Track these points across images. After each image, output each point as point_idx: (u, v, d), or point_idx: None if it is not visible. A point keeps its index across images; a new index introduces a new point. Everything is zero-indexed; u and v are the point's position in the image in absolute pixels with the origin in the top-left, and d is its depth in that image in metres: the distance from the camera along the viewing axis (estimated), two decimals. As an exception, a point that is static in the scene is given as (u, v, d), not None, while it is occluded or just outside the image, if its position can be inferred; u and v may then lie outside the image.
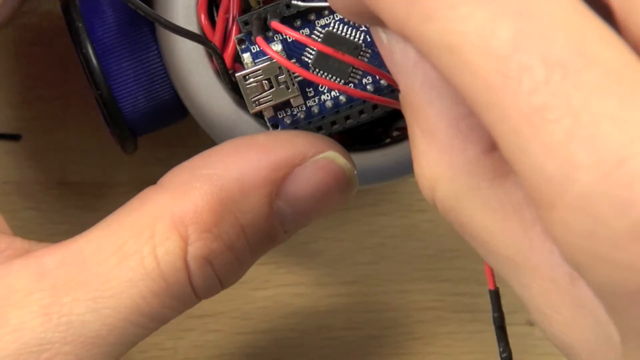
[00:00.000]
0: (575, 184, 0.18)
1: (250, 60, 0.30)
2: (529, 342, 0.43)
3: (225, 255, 0.28)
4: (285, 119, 0.30)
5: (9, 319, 0.26)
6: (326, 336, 0.42)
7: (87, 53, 0.33)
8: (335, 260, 0.43)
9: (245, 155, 0.28)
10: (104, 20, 0.33)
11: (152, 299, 0.27)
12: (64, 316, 0.27)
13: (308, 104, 0.30)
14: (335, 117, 0.30)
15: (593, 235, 0.19)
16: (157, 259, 0.27)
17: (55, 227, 0.42)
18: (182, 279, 0.27)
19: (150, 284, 0.27)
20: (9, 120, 0.42)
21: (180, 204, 0.27)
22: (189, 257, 0.27)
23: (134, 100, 0.34)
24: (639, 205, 0.18)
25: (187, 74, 0.32)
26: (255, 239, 0.28)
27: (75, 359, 0.27)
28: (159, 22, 0.30)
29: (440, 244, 0.43)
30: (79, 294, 0.27)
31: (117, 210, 0.29)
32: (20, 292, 0.27)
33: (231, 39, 0.31)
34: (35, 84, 0.42)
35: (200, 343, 0.42)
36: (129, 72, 0.33)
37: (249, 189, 0.27)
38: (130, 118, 0.34)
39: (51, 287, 0.27)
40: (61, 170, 0.42)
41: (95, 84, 0.33)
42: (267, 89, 0.29)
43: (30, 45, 0.42)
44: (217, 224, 0.27)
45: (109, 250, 0.27)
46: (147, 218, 0.27)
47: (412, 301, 0.43)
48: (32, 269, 0.27)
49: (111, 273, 0.27)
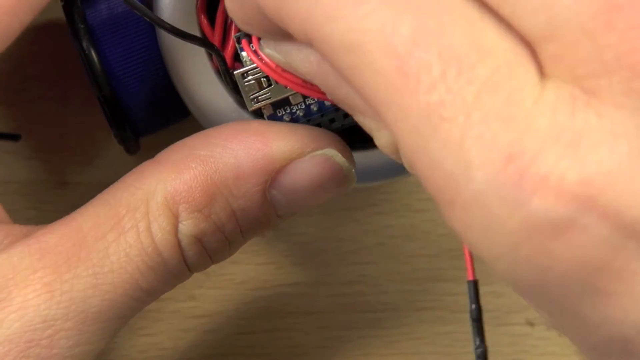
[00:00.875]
0: (470, 183, 0.19)
1: (249, 58, 0.30)
2: (529, 342, 0.43)
3: (214, 235, 0.28)
4: (285, 116, 0.30)
5: (13, 297, 0.27)
6: (326, 336, 0.42)
7: (90, 55, 0.33)
8: (335, 260, 0.43)
9: (244, 142, 0.28)
10: (106, 22, 0.33)
11: (149, 274, 0.28)
12: (66, 293, 0.27)
13: (307, 101, 0.30)
14: (334, 114, 0.30)
15: (489, 234, 0.19)
16: (152, 234, 0.28)
17: (56, 227, 0.42)
18: (176, 254, 0.28)
19: (147, 259, 0.28)
20: (9, 121, 0.42)
21: (174, 182, 0.28)
22: (179, 234, 0.28)
23: (137, 102, 0.34)
24: (528, 204, 0.18)
25: (188, 73, 0.32)
26: (247, 223, 0.29)
27: (77, 334, 0.27)
28: (160, 26, 0.30)
29: (440, 244, 0.43)
30: (80, 270, 0.27)
31: (114, 185, 0.29)
32: (24, 270, 0.27)
33: (230, 37, 0.31)
34: (35, 84, 0.42)
35: (200, 343, 0.42)
36: (131, 74, 0.33)
37: (243, 176, 0.28)
38: (133, 119, 0.34)
39: (53, 264, 0.27)
40: (61, 170, 0.42)
41: (98, 85, 0.33)
42: (266, 87, 0.29)
43: (30, 45, 0.42)
44: (208, 205, 0.28)
45: (107, 226, 0.28)
46: (142, 193, 0.28)
47: (412, 301, 0.43)
48: (33, 248, 0.28)
49: (110, 249, 0.27)
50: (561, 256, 0.19)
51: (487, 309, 0.43)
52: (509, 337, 0.43)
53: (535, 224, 0.19)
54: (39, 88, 0.42)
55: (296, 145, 0.28)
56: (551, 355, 0.43)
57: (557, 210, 0.18)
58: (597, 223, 0.18)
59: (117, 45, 0.33)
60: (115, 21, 0.33)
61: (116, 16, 0.34)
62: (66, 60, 0.42)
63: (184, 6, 0.32)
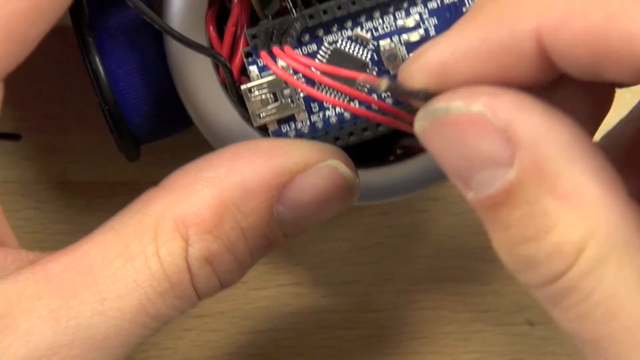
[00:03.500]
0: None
1: (256, 74, 0.29)
2: (529, 342, 0.43)
3: (224, 256, 0.28)
4: (289, 133, 0.30)
5: (19, 324, 0.27)
6: (326, 336, 0.43)
7: (96, 68, 0.33)
8: (335, 260, 0.43)
9: (248, 159, 0.28)
10: (113, 34, 0.33)
11: (157, 300, 0.27)
12: (72, 319, 0.27)
13: (312, 119, 0.30)
14: (339, 133, 0.30)
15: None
16: (161, 259, 0.27)
17: (56, 227, 0.42)
18: (185, 279, 0.28)
19: (155, 285, 0.27)
20: (9, 120, 0.42)
21: (181, 205, 0.27)
22: (189, 257, 0.27)
23: (141, 112, 0.34)
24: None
25: (194, 85, 0.32)
26: (255, 242, 0.28)
27: None
28: (169, 34, 0.29)
29: (440, 244, 0.43)
30: (86, 296, 0.27)
31: (120, 212, 0.29)
32: (29, 297, 0.27)
33: (238, 51, 0.31)
34: (35, 84, 0.42)
35: (200, 343, 0.42)
36: (136, 85, 0.33)
37: (250, 193, 0.28)
38: (135, 129, 0.34)
39: (59, 291, 0.27)
40: (61, 170, 0.42)
41: (103, 97, 0.33)
42: (272, 103, 0.29)
43: (30, 45, 0.42)
44: (217, 225, 0.27)
45: (113, 253, 0.27)
46: (150, 219, 0.28)
47: (412, 301, 0.43)
48: (39, 275, 0.27)
49: (117, 275, 0.27)
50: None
51: (487, 309, 0.43)
52: (509, 337, 0.43)
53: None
54: (39, 88, 0.42)
55: (301, 158, 0.28)
56: (551, 355, 0.43)
57: None
58: None
59: (124, 57, 0.33)
60: (121, 32, 0.33)
61: (123, 26, 0.33)
62: (66, 60, 0.41)
63: (193, 17, 0.31)
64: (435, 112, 0.23)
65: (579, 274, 0.22)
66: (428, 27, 0.30)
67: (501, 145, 0.22)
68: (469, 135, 0.22)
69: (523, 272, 0.23)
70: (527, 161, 0.22)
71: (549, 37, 0.22)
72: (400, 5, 0.30)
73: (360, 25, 0.30)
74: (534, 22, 0.22)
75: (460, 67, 0.23)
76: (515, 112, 0.22)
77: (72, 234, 0.42)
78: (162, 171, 0.41)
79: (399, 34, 0.30)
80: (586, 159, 0.22)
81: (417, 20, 0.30)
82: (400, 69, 0.25)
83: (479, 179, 0.22)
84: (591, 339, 0.22)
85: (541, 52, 0.22)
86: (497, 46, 0.23)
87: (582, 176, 0.22)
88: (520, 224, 0.22)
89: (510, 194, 0.22)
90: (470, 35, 0.23)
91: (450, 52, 0.23)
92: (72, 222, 0.42)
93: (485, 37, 0.23)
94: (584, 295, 0.22)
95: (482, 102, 0.22)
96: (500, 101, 0.22)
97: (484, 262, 0.42)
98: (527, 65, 0.23)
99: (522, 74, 0.23)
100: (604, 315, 0.21)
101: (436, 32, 0.30)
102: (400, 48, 0.30)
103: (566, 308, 0.22)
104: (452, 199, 0.43)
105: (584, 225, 0.21)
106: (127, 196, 0.28)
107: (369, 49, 0.30)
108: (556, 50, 0.22)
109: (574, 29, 0.21)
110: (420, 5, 0.30)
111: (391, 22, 0.30)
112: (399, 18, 0.30)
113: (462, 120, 0.23)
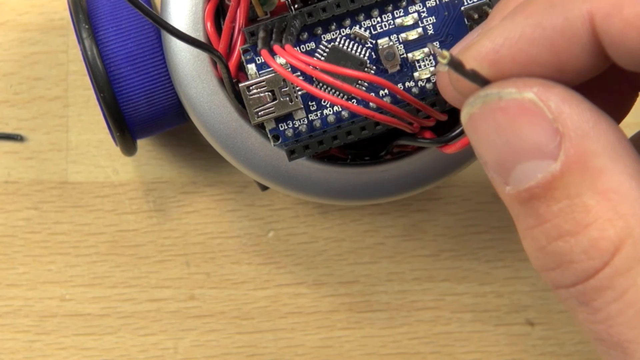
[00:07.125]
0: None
1: (254, 71, 0.29)
2: (529, 342, 0.43)
3: None
4: (287, 131, 0.30)
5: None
6: (326, 336, 0.43)
7: (92, 57, 0.33)
8: (335, 260, 0.43)
9: None
10: (111, 24, 0.33)
11: None
12: None
13: (310, 117, 0.30)
14: (337, 132, 0.30)
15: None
16: None
17: (56, 227, 0.42)
18: None
19: None
20: (9, 120, 0.42)
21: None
22: None
23: (137, 106, 0.34)
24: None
25: (191, 80, 0.32)
26: None
27: None
28: (165, 29, 0.29)
29: (440, 244, 0.43)
30: None
31: None
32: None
33: (236, 48, 0.31)
34: (35, 84, 0.42)
35: (200, 343, 0.42)
36: (133, 77, 0.33)
37: None
38: (131, 122, 0.34)
39: None
40: (61, 170, 0.42)
41: (99, 87, 0.33)
42: (270, 101, 0.29)
43: (31, 45, 0.42)
44: None
45: None
46: None
47: (412, 301, 0.43)
48: None
49: None
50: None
51: (487, 309, 0.43)
52: (509, 337, 0.43)
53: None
54: (39, 88, 0.42)
55: None
56: (551, 355, 0.43)
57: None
58: None
59: (121, 48, 0.33)
60: (119, 23, 0.33)
61: (121, 19, 0.33)
62: (67, 60, 0.42)
63: (191, 12, 0.31)
64: (487, 96, 0.23)
65: (613, 273, 0.21)
66: (426, 25, 0.30)
67: (549, 135, 0.22)
68: (518, 122, 0.22)
69: (553, 270, 0.22)
70: (572, 153, 0.21)
71: (601, 22, 0.22)
72: (398, 4, 0.30)
73: (358, 23, 0.30)
74: (587, 7, 0.22)
75: (514, 54, 0.23)
76: (566, 104, 0.22)
77: (72, 234, 0.42)
78: (162, 170, 0.41)
79: (398, 32, 0.30)
80: (627, 159, 0.22)
81: (416, 18, 0.30)
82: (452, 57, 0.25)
83: (518, 171, 0.22)
84: (619, 342, 0.21)
85: (594, 38, 0.22)
86: (551, 31, 0.23)
87: (623, 175, 0.21)
88: (558, 218, 0.22)
89: (552, 187, 0.22)
90: (522, 22, 0.23)
91: (504, 40, 0.23)
92: (72, 222, 0.42)
93: (539, 23, 0.23)
94: (617, 295, 0.21)
95: (535, 90, 0.22)
96: (553, 92, 0.22)
97: (483, 262, 0.42)
98: (580, 52, 0.23)
99: (575, 62, 0.23)
100: (635, 317, 0.21)
101: (434, 31, 0.30)
102: (399, 46, 0.30)
103: (596, 309, 0.22)
104: (452, 199, 0.43)
105: (621, 223, 0.21)
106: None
107: (367, 47, 0.30)
108: (608, 36, 0.22)
109: (626, 15, 0.21)
110: (418, 4, 0.30)
111: (389, 21, 0.30)
112: (398, 16, 0.30)
113: (513, 106, 0.22)
